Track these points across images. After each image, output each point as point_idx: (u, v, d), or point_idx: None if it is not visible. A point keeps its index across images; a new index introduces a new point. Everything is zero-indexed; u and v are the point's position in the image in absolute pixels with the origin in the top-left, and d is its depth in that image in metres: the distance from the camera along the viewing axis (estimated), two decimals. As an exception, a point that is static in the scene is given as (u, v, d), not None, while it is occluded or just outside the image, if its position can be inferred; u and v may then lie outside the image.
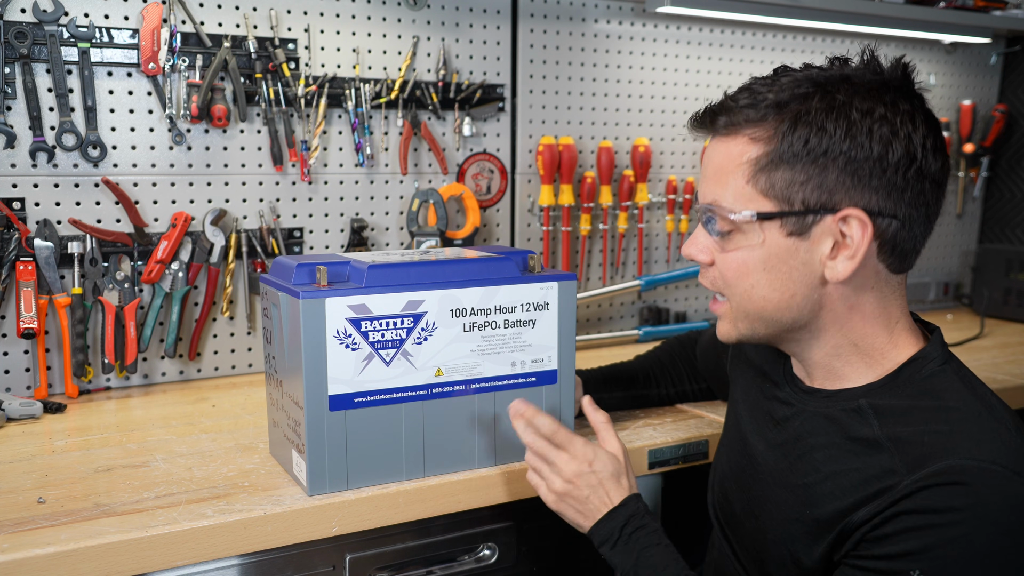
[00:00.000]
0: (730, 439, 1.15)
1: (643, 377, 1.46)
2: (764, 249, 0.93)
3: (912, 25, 2.19)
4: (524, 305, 1.20)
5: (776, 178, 0.91)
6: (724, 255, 0.96)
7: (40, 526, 1.00)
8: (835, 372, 1.00)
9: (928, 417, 0.90)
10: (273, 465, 1.22)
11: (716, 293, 1.01)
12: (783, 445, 1.02)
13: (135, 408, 1.52)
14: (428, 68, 1.84)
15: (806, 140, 0.89)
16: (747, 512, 1.06)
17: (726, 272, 0.97)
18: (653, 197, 2.14)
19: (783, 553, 0.98)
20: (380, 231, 1.85)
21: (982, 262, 2.51)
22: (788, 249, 0.92)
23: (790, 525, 0.97)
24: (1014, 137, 2.55)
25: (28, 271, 1.51)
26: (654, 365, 1.48)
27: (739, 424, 1.13)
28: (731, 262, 0.96)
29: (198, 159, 1.66)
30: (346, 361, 1.10)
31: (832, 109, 0.89)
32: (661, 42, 2.10)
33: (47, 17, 1.49)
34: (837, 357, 0.99)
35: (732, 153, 0.93)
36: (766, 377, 1.11)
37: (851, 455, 0.93)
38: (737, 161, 0.93)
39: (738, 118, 0.93)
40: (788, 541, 0.97)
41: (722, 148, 0.95)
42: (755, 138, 0.91)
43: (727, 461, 1.13)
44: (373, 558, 1.18)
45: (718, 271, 0.98)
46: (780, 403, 1.06)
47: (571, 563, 1.34)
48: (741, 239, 0.94)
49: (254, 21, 1.67)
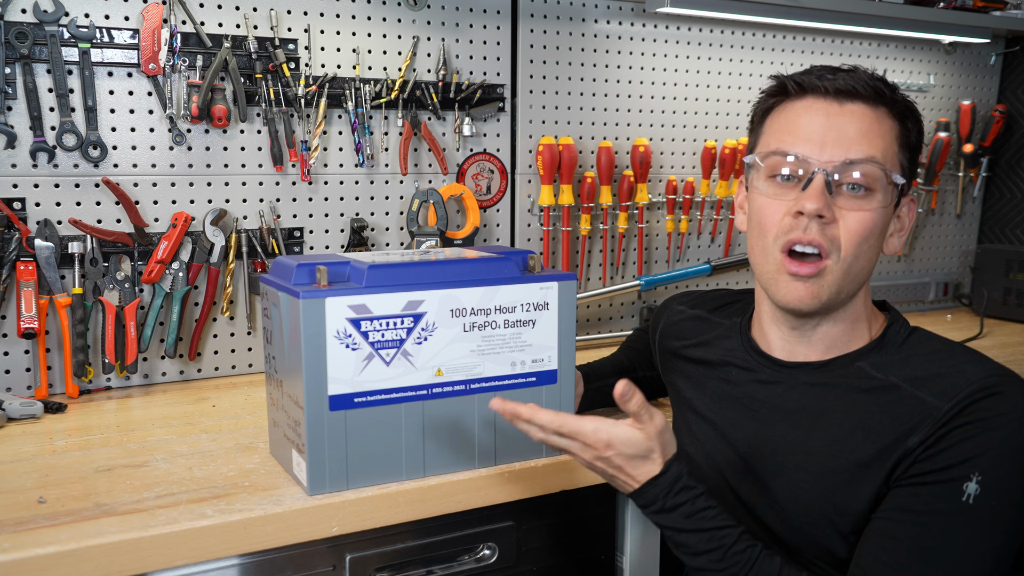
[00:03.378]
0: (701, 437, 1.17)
1: (628, 364, 1.48)
2: (884, 214, 1.04)
3: (912, 25, 2.19)
4: (524, 305, 1.20)
5: (903, 157, 1.05)
6: (853, 213, 1.02)
7: (41, 526, 1.00)
8: (833, 340, 1.09)
9: (930, 359, 1.02)
10: (273, 465, 1.22)
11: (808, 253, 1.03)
12: (787, 418, 1.06)
13: (135, 408, 1.52)
14: (428, 68, 1.84)
15: (920, 131, 1.07)
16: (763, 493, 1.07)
17: (855, 229, 1.02)
18: (653, 197, 2.14)
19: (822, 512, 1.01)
20: (380, 231, 1.85)
21: (982, 262, 2.51)
22: (889, 217, 1.06)
23: (826, 479, 1.01)
24: (1013, 137, 2.55)
25: (29, 271, 1.51)
26: (633, 354, 1.50)
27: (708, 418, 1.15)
28: (863, 220, 1.02)
29: (198, 159, 1.66)
30: (346, 361, 1.10)
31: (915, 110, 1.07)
32: (661, 42, 2.11)
33: (48, 17, 1.49)
34: (853, 325, 1.09)
35: (883, 122, 1.03)
36: (730, 367, 1.16)
37: (872, 404, 1.01)
38: (889, 129, 1.03)
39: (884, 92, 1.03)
40: (827, 495, 1.01)
41: (869, 114, 1.03)
42: (892, 114, 1.04)
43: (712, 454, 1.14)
44: (373, 558, 1.18)
45: (841, 228, 1.02)
46: (762, 384, 1.11)
47: (571, 563, 1.34)
48: (875, 199, 1.02)
49: (254, 21, 1.67)
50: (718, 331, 1.23)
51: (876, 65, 2.37)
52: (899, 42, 2.41)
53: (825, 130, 1.02)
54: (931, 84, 2.48)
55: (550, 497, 1.27)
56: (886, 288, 2.49)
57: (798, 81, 1.05)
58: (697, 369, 1.21)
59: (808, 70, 1.07)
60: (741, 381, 1.13)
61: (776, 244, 1.04)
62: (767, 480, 1.07)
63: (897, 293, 2.52)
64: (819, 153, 1.01)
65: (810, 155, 1.02)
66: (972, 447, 0.93)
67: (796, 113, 1.05)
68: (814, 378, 1.08)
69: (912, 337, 1.08)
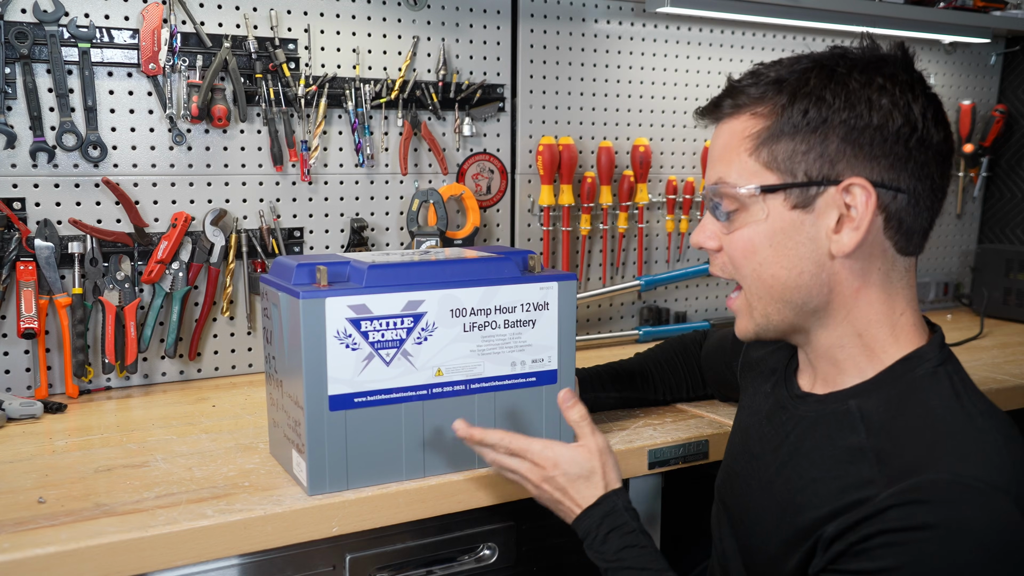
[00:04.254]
0: (734, 443, 1.14)
1: (641, 378, 1.46)
2: (768, 224, 0.92)
3: (912, 25, 2.19)
4: (524, 305, 1.20)
5: (778, 150, 0.91)
6: (730, 236, 0.96)
7: (40, 526, 1.00)
8: (836, 366, 0.97)
9: (913, 425, 0.87)
10: (273, 465, 1.22)
11: (732, 291, 1.01)
12: (775, 451, 1.01)
13: (135, 408, 1.52)
14: (428, 68, 1.84)
15: (805, 111, 0.90)
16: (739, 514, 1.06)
17: (734, 253, 0.96)
18: (653, 197, 2.14)
19: (765, 559, 0.97)
20: (380, 231, 1.85)
21: (982, 262, 2.51)
22: (793, 223, 0.92)
23: (771, 533, 0.96)
24: (1014, 137, 2.55)
25: (28, 271, 1.51)
26: (654, 367, 1.47)
27: (742, 429, 1.12)
28: (737, 241, 0.95)
29: (198, 159, 1.66)
30: (346, 361, 1.10)
31: (831, 80, 0.90)
32: (661, 42, 2.11)
33: (47, 17, 1.49)
34: (841, 348, 0.96)
35: (735, 131, 0.94)
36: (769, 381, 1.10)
37: (834, 461, 0.91)
38: (740, 137, 0.94)
39: (741, 99, 0.94)
40: (768, 546, 0.96)
41: (726, 128, 0.96)
42: (757, 114, 0.93)
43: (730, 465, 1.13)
44: (373, 558, 1.18)
45: (726, 255, 0.97)
46: (779, 408, 1.05)
47: (571, 563, 1.34)
48: (746, 216, 0.94)
49: (254, 21, 1.67)
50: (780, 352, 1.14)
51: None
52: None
53: (709, 154, 1.00)
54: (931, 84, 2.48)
55: (550, 497, 1.27)
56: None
57: None
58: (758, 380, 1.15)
59: None
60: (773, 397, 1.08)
61: None
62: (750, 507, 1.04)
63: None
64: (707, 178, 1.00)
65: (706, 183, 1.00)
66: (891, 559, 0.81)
67: None
68: (810, 413, 0.99)
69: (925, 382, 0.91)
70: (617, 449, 1.30)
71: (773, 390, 1.08)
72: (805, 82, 0.91)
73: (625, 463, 1.31)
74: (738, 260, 0.96)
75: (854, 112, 0.89)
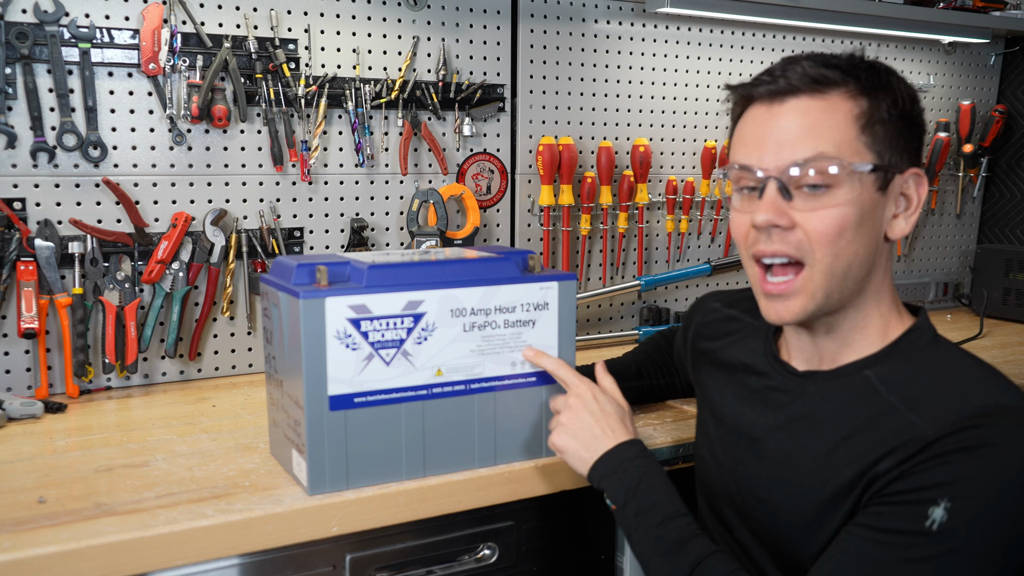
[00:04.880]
0: (713, 438, 1.16)
1: (636, 370, 1.48)
2: (860, 204, 0.95)
3: (911, 25, 2.19)
4: (524, 305, 1.20)
5: (876, 132, 0.96)
6: (816, 213, 0.95)
7: (41, 526, 1.00)
8: (846, 344, 1.03)
9: (935, 379, 0.95)
10: (273, 465, 1.23)
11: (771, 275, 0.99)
12: (786, 427, 1.04)
13: (135, 408, 1.52)
14: (428, 68, 1.84)
15: (895, 101, 0.97)
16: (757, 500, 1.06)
17: (820, 230, 0.95)
18: (653, 197, 2.14)
19: (799, 531, 0.99)
20: (380, 231, 1.85)
21: (981, 262, 2.51)
22: (875, 204, 0.97)
23: (805, 499, 0.98)
24: (1013, 137, 2.55)
25: (29, 271, 1.51)
26: (643, 359, 1.50)
27: (724, 421, 1.14)
28: (829, 219, 0.95)
29: (198, 159, 1.66)
30: (346, 361, 1.10)
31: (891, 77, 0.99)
32: (661, 42, 2.11)
33: (48, 18, 1.49)
34: (864, 327, 1.02)
35: (834, 108, 0.96)
36: (750, 370, 1.13)
37: (862, 420, 0.96)
38: (844, 116, 0.95)
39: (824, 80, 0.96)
40: (803, 515, 0.98)
41: (815, 105, 0.96)
42: (850, 95, 0.96)
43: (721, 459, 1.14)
44: (373, 558, 1.18)
45: (803, 233, 0.95)
46: (775, 391, 1.08)
47: (571, 563, 1.35)
48: (836, 194, 0.94)
49: (254, 21, 1.67)
50: (746, 331, 1.20)
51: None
52: (899, 42, 2.41)
53: (770, 134, 0.97)
54: (931, 84, 2.48)
55: (550, 497, 1.27)
56: (886, 288, 2.49)
57: (740, 91, 1.03)
58: (722, 372, 1.19)
59: (757, 76, 1.02)
60: (759, 387, 1.11)
61: (748, 256, 1.03)
62: (761, 488, 1.06)
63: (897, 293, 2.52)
64: (767, 160, 0.97)
65: (759, 164, 0.98)
66: (947, 472, 0.85)
67: (746, 123, 1.02)
68: (820, 388, 1.03)
69: (930, 348, 1.00)
70: (617, 449, 1.30)
71: (755, 375, 1.12)
72: (879, 73, 0.98)
73: (625, 463, 1.31)
74: (822, 238, 0.95)
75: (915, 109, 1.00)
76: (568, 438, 1.14)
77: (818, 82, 0.96)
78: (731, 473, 1.11)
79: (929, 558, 0.85)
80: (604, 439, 1.12)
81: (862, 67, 0.98)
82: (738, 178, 1.01)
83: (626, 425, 1.14)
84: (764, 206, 0.97)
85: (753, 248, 1.00)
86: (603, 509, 1.34)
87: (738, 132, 1.04)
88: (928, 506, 0.85)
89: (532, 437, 1.24)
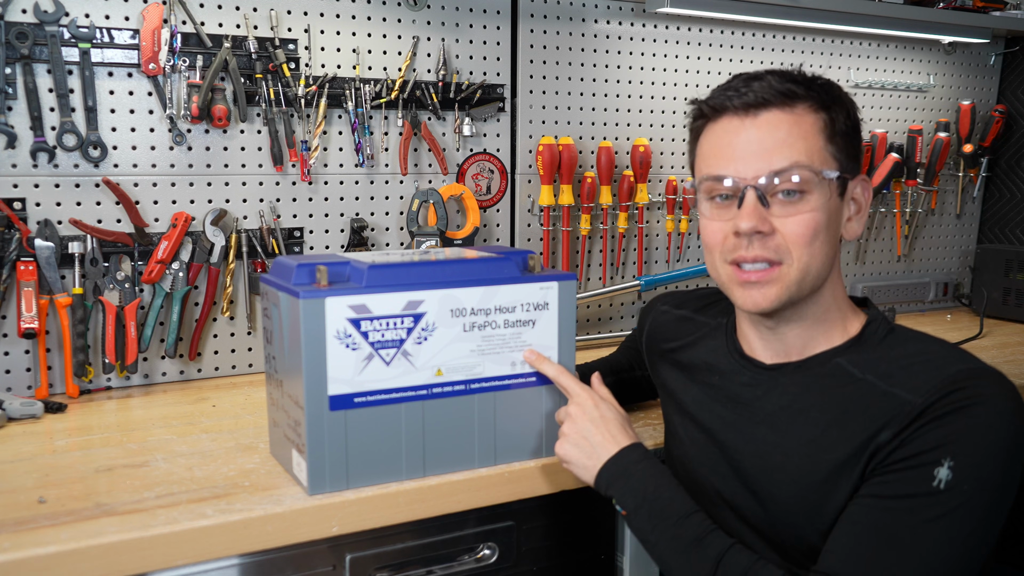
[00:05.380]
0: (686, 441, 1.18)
1: (627, 363, 1.50)
2: (827, 209, 1.03)
3: (911, 25, 2.19)
4: (524, 305, 1.20)
5: (837, 144, 1.04)
6: (793, 218, 1.02)
7: (41, 526, 1.00)
8: (812, 338, 1.08)
9: (908, 357, 1.01)
10: (273, 465, 1.23)
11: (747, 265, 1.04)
12: (767, 420, 1.07)
13: (135, 408, 1.52)
14: (428, 68, 1.85)
15: (847, 114, 1.05)
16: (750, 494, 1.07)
17: (796, 233, 1.01)
18: (653, 197, 2.14)
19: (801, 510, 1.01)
20: (380, 231, 1.85)
21: (981, 262, 2.51)
22: (837, 209, 1.05)
23: (800, 483, 1.01)
24: (1013, 137, 2.55)
25: (29, 271, 1.51)
26: (632, 354, 1.51)
27: (697, 423, 1.17)
28: (805, 223, 1.02)
29: (198, 159, 1.66)
30: (346, 361, 1.10)
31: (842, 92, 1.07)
32: (661, 42, 2.11)
33: (48, 18, 1.49)
34: (823, 322, 1.08)
35: (802, 120, 1.03)
36: (714, 370, 1.17)
37: (847, 401, 1.01)
38: (811, 128, 1.03)
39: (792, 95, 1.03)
40: (804, 494, 1.01)
41: (785, 118, 1.02)
42: (813, 108, 1.03)
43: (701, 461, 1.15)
44: (373, 558, 1.18)
45: (781, 237, 1.02)
46: (744, 386, 1.12)
47: (571, 563, 1.35)
48: (808, 200, 1.02)
49: (254, 21, 1.67)
50: (703, 331, 1.24)
51: (876, 65, 2.38)
52: (899, 42, 2.41)
53: (746, 146, 1.03)
54: (931, 84, 2.48)
55: (550, 497, 1.27)
56: (886, 288, 2.50)
57: (711, 104, 1.07)
58: (683, 372, 1.23)
59: (723, 87, 1.07)
60: (724, 384, 1.14)
61: (723, 261, 1.07)
62: (749, 481, 1.07)
63: (897, 293, 2.52)
64: (745, 169, 1.02)
65: (737, 173, 1.03)
66: (944, 434, 0.92)
67: (717, 135, 1.07)
68: (794, 379, 1.08)
69: (890, 336, 1.07)
70: (617, 449, 1.30)
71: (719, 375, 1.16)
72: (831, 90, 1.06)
73: (625, 463, 1.31)
74: (800, 239, 1.02)
75: (858, 120, 1.08)
76: (571, 447, 1.15)
77: (787, 96, 1.02)
78: (716, 472, 1.12)
79: (941, 516, 0.90)
80: (606, 446, 1.12)
81: (818, 82, 1.05)
82: (711, 188, 1.06)
83: (626, 430, 1.15)
84: (746, 214, 1.02)
85: (733, 254, 1.05)
86: (603, 509, 1.35)
87: (707, 144, 1.08)
88: (933, 467, 0.91)
89: (532, 437, 1.24)
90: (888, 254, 2.53)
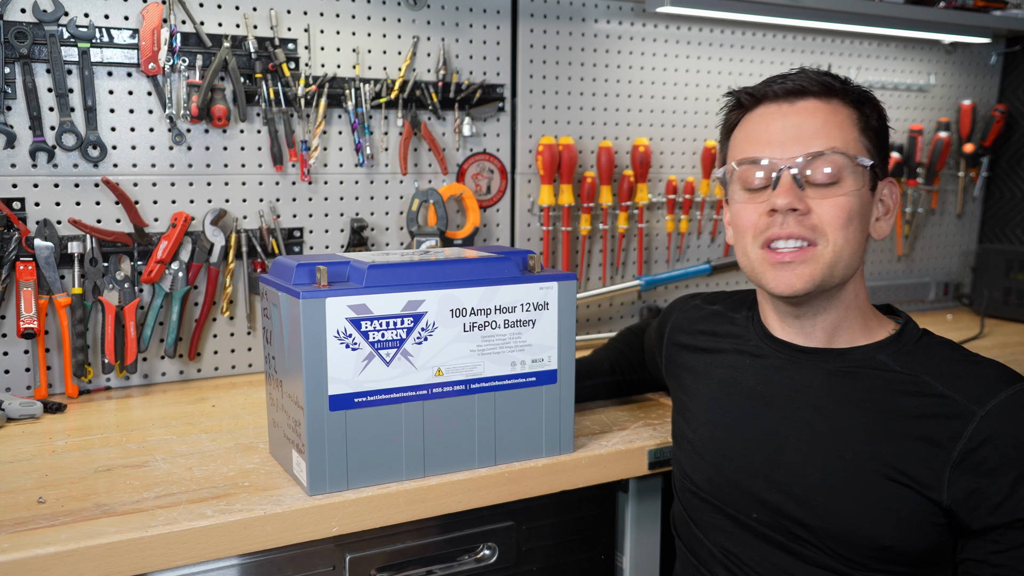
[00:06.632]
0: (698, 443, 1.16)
1: (608, 367, 1.49)
2: (860, 196, 1.06)
3: (912, 25, 2.19)
4: (524, 305, 1.20)
5: (869, 137, 1.08)
6: (828, 200, 1.04)
7: (40, 526, 1.00)
8: (834, 333, 1.10)
9: (949, 359, 1.04)
10: (273, 465, 1.22)
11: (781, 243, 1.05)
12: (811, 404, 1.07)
13: (135, 408, 1.52)
14: (428, 68, 1.84)
15: (879, 114, 1.10)
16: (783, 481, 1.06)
17: (834, 215, 1.04)
18: (653, 197, 2.14)
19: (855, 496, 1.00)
20: (380, 231, 1.85)
21: (982, 262, 2.51)
22: (868, 201, 1.08)
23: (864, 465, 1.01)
24: (1014, 137, 2.55)
25: (28, 271, 1.51)
26: (615, 356, 1.51)
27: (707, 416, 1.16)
28: (840, 204, 1.04)
29: (198, 159, 1.66)
30: (346, 361, 1.10)
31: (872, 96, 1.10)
32: (661, 42, 2.10)
33: (47, 17, 1.49)
34: (845, 319, 1.10)
35: (837, 111, 1.06)
36: (744, 353, 1.17)
37: (902, 396, 1.02)
38: (848, 118, 1.06)
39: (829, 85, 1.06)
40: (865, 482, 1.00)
41: (822, 107, 1.06)
42: (848, 103, 1.07)
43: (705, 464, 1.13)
44: (373, 558, 1.18)
45: (818, 217, 1.04)
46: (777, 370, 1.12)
47: (571, 563, 1.34)
48: (846, 185, 1.04)
49: (254, 21, 1.67)
50: (731, 325, 1.23)
51: (876, 65, 2.37)
52: (899, 42, 2.41)
53: (784, 130, 1.06)
54: (931, 84, 2.48)
55: (550, 497, 1.27)
56: (886, 288, 2.49)
57: (750, 92, 1.11)
58: (704, 358, 1.21)
59: (761, 82, 1.11)
60: (754, 368, 1.14)
61: (756, 242, 1.08)
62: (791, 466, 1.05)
63: (897, 293, 2.52)
64: (782, 152, 1.05)
65: (774, 156, 1.06)
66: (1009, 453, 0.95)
67: (754, 122, 1.10)
68: (835, 365, 1.08)
69: (925, 337, 1.09)
70: (617, 449, 1.30)
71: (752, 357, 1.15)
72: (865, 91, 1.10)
73: (625, 463, 1.31)
74: (835, 221, 1.04)
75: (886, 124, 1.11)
76: None
77: (824, 87, 1.06)
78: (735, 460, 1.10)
79: None
80: None
81: (849, 82, 1.09)
82: (747, 172, 1.08)
83: None
84: (782, 191, 1.04)
85: (767, 233, 1.06)
86: (603, 509, 1.35)
87: (744, 132, 1.11)
88: None
89: (532, 437, 1.24)
90: (889, 254, 2.53)
